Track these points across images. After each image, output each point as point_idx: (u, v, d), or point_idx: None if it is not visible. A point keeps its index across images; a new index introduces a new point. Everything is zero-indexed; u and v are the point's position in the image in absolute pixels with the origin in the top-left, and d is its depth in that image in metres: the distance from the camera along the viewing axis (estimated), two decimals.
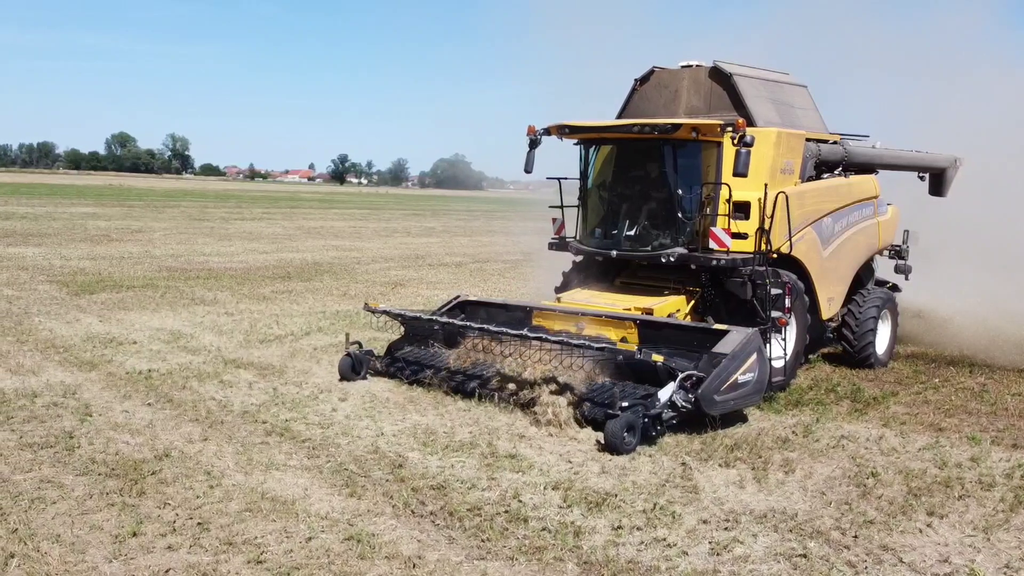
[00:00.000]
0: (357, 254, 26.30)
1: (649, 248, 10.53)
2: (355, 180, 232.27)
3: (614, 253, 10.71)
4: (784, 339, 10.18)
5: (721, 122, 10.02)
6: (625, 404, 7.87)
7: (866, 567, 5.57)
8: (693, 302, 10.54)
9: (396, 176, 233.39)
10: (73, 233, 28.69)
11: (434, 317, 10.22)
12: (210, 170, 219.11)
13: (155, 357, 10.81)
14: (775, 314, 9.95)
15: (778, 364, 9.94)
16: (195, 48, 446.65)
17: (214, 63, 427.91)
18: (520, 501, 6.46)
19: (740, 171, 9.56)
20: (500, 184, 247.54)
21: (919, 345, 13.70)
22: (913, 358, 12.85)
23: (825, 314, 11.47)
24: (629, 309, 10.01)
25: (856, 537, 6.05)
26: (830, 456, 7.93)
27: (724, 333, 8.84)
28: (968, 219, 16.35)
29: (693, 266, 10.36)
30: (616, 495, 6.64)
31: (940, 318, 14.85)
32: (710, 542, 5.85)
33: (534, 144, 11.50)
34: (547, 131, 11.22)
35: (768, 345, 9.48)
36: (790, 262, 10.66)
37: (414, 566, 5.30)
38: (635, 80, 12.03)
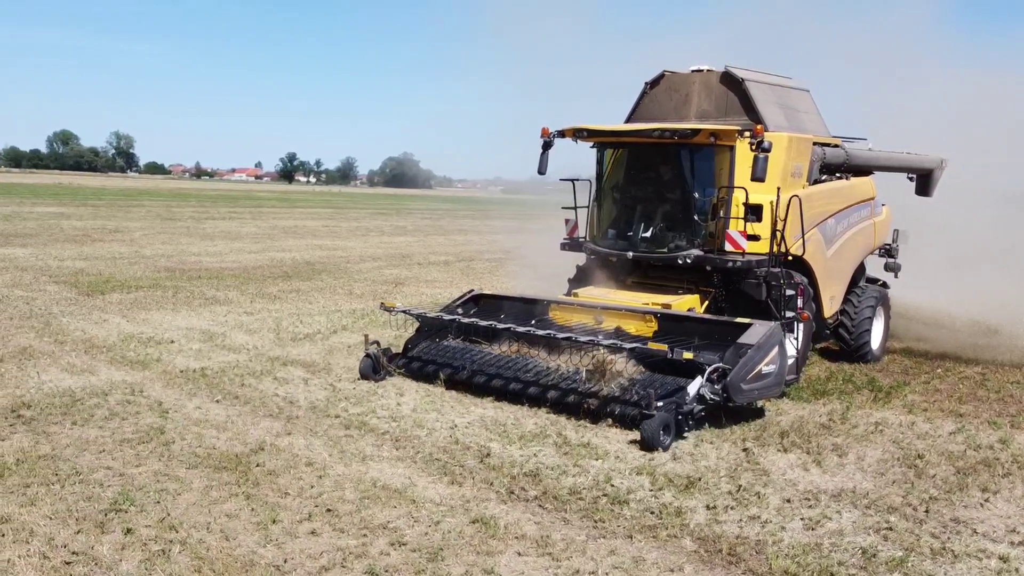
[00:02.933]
0: (343, 253, 26.41)
1: (666, 250, 10.85)
2: (303, 179, 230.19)
3: (631, 254, 10.99)
4: (796, 337, 10.63)
5: (739, 127, 10.46)
6: (659, 404, 8.08)
7: (948, 537, 6.10)
8: (707, 302, 10.88)
9: (345, 175, 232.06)
10: (52, 233, 28.26)
11: (457, 317, 10.33)
12: (155, 168, 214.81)
13: (200, 356, 10.97)
14: (794, 312, 10.45)
15: (790, 361, 10.20)
16: (138, 45, 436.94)
17: (158, 60, 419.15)
18: (613, 485, 6.87)
19: (758, 175, 9.92)
20: (448, 183, 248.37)
21: (902, 340, 14.22)
22: (906, 353, 13.44)
23: (827, 312, 11.87)
24: (647, 304, 10.32)
25: (927, 511, 6.59)
26: (872, 441, 8.48)
27: (747, 326, 9.14)
28: (936, 216, 17.13)
29: (708, 267, 10.75)
30: (699, 478, 7.09)
31: (914, 312, 15.62)
32: (801, 519, 6.33)
33: (547, 146, 11.75)
34: (561, 133, 11.49)
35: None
36: (798, 263, 11.04)
37: (546, 545, 5.68)
38: (645, 83, 12.34)
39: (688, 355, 8.29)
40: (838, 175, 13.16)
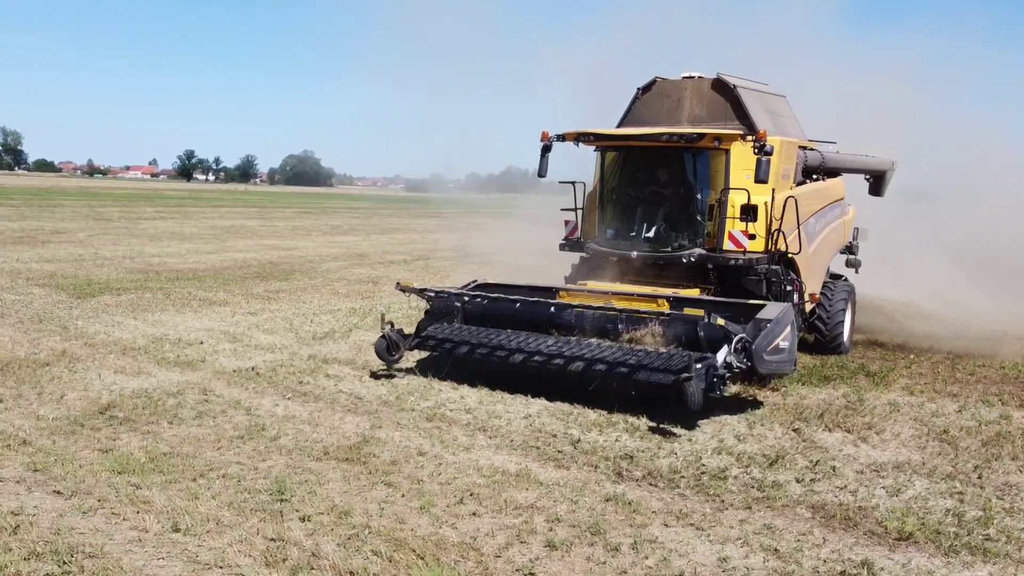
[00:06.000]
0: (300, 254, 26.34)
1: (670, 249, 11.49)
2: (202, 176, 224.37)
3: (635, 254, 11.54)
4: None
5: (741, 132, 11.25)
6: (698, 366, 8.45)
7: (1010, 498, 7.00)
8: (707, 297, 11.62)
9: (245, 173, 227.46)
10: None
11: (473, 293, 10.75)
12: (45, 166, 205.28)
13: (239, 356, 11.12)
14: (809, 292, 11.27)
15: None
16: (25, 36, 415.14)
17: (43, 52, 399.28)
18: (704, 464, 7.54)
19: (761, 178, 10.66)
20: (349, 181, 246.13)
21: (864, 332, 15.13)
22: (872, 344, 14.49)
23: (807, 307, 12.80)
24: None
25: (980, 478, 7.49)
26: (896, 419, 9.39)
27: (760, 307, 9.69)
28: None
29: (710, 265, 11.51)
30: (778, 456, 7.81)
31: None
32: (882, 487, 7.13)
33: (546, 150, 12.25)
34: (561, 137, 12.06)
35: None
36: (784, 260, 11.78)
37: (684, 516, 6.29)
38: (637, 89, 12.95)
39: (721, 321, 8.93)
40: (814, 176, 14.16)
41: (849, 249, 15.75)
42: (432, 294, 11.05)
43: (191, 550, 5.34)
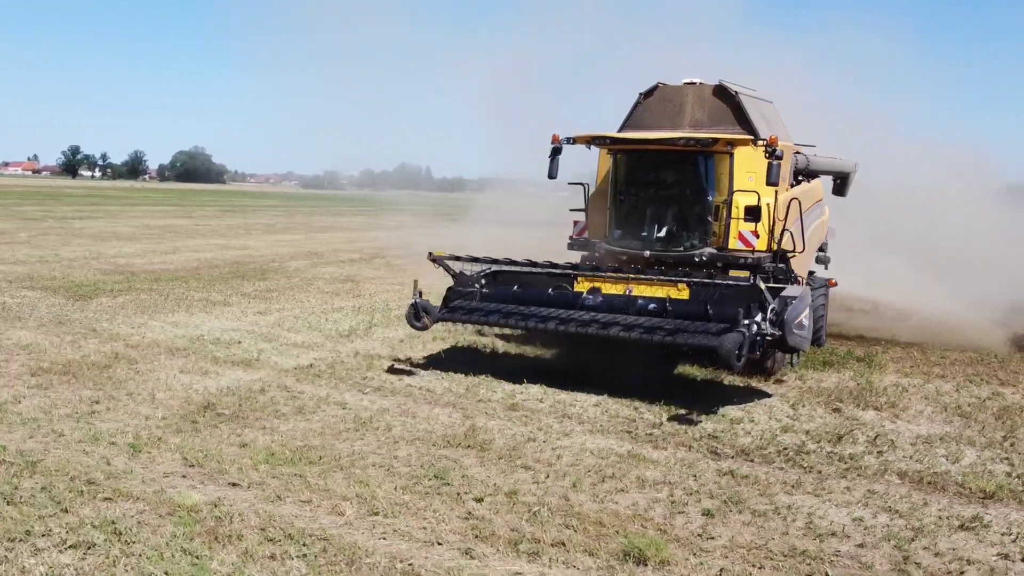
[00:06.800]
0: (256, 253, 26.14)
1: (682, 248, 12.22)
2: (88, 173, 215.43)
3: (647, 253, 12.13)
4: None
5: (752, 137, 12.15)
6: (746, 321, 9.03)
7: None
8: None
9: (134, 169, 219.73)
10: None
11: (537, 269, 11.11)
12: None
13: (286, 354, 11.37)
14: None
15: None
16: None
17: None
18: (780, 440, 8.39)
19: (773, 180, 11.53)
20: (241, 177, 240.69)
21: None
22: (837, 336, 15.65)
23: None
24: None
25: (1012, 444, 8.58)
26: (909, 399, 10.46)
27: (781, 288, 10.15)
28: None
29: (719, 264, 12.39)
30: (842, 433, 8.71)
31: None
32: (940, 455, 8.12)
33: (556, 152, 12.89)
34: (571, 140, 12.73)
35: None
36: (783, 258, 12.45)
37: (799, 486, 7.10)
38: (640, 94, 13.64)
39: (763, 284, 9.58)
40: (799, 179, 15.25)
41: (821, 247, 16.93)
42: (460, 271, 11.26)
43: (401, 529, 5.79)
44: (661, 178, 12.72)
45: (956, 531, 6.25)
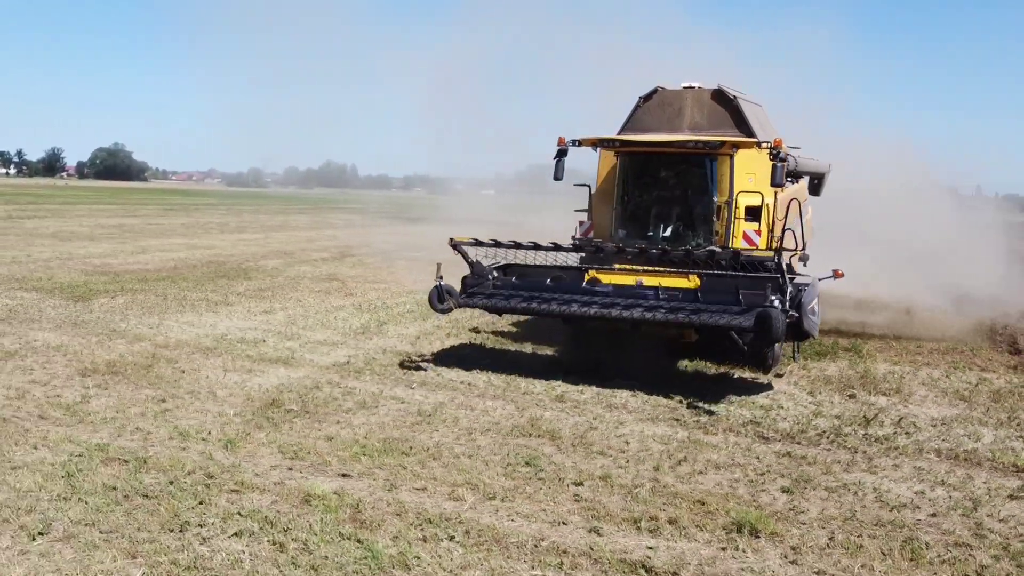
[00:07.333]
0: (227, 252, 25.96)
1: (687, 247, 12.96)
2: (2, 170, 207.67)
3: (653, 251, 12.95)
4: None
5: (756, 140, 12.82)
6: (773, 298, 9.24)
7: None
8: None
9: (51, 166, 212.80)
10: None
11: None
12: None
13: (318, 351, 11.60)
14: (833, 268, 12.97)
15: None
16: None
17: None
18: (816, 424, 9.04)
19: (777, 182, 12.14)
20: (163, 175, 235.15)
21: None
22: None
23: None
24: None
25: (1019, 424, 9.39)
26: (910, 385, 11.25)
27: (794, 276, 10.71)
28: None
29: (723, 262, 13.03)
30: (863, 416, 9.40)
31: None
32: (962, 435, 8.86)
33: (562, 154, 13.33)
34: (577, 142, 13.22)
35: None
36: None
37: (852, 464, 7.72)
38: (639, 97, 14.17)
39: (785, 266, 10.05)
40: (790, 179, 16.01)
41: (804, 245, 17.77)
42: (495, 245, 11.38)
43: (523, 512, 6.20)
44: (665, 179, 13.29)
45: (1007, 501, 6.95)
